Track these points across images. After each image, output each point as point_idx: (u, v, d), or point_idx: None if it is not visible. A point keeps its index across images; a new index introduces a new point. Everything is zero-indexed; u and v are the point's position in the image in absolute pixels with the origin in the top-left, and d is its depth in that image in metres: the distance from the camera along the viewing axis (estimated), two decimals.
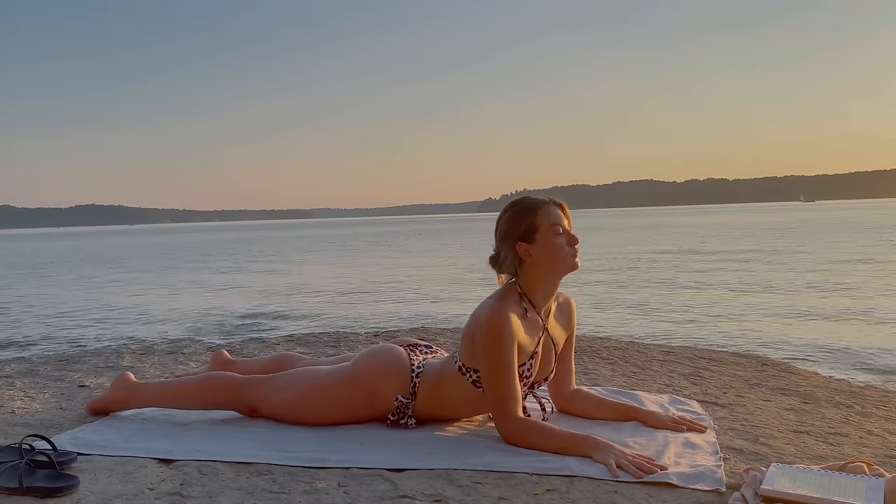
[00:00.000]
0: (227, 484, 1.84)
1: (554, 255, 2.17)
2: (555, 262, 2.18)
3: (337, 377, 2.31)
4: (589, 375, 3.27)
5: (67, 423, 2.45)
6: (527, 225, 2.17)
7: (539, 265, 2.18)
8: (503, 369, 2.12)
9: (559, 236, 2.17)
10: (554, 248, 2.16)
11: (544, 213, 2.17)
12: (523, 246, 2.18)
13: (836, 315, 7.09)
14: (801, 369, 3.81)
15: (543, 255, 2.17)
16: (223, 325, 7.79)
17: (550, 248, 2.16)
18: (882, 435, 2.42)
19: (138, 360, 3.75)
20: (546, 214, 2.17)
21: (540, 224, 2.16)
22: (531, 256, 2.18)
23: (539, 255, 2.17)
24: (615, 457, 1.93)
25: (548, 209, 2.18)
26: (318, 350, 4.06)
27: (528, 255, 2.18)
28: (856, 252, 15.84)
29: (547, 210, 2.18)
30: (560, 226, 2.18)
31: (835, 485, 1.70)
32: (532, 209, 2.18)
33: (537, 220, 2.17)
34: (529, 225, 2.17)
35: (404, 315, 8.31)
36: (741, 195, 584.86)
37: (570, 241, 2.19)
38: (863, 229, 27.39)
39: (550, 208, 2.19)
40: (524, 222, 2.17)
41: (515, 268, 2.20)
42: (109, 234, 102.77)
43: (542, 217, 2.17)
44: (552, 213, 2.18)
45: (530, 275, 2.20)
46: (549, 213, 2.18)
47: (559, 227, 2.18)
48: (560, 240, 2.17)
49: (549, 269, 2.19)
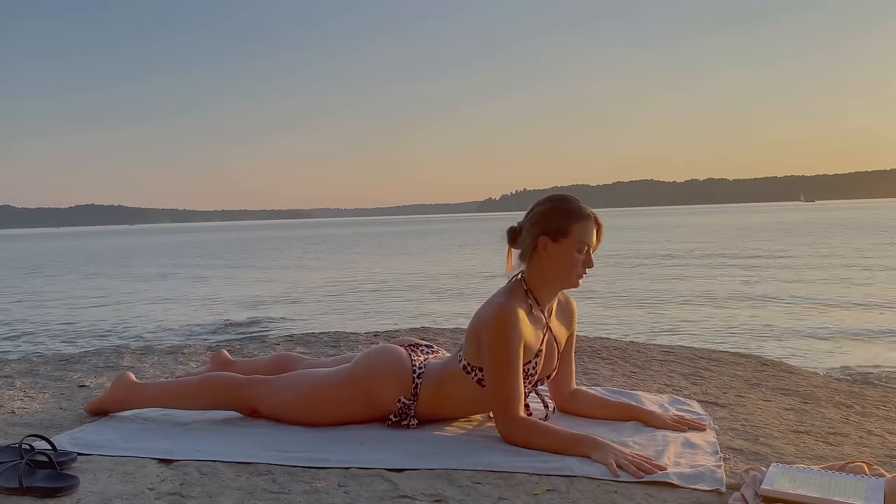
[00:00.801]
0: (227, 484, 1.84)
1: (566, 266, 2.18)
2: (562, 273, 2.19)
3: (337, 378, 2.31)
4: (589, 375, 3.27)
5: (67, 423, 2.44)
6: (560, 225, 2.17)
7: (548, 264, 2.19)
8: (508, 367, 2.12)
9: (580, 254, 2.18)
10: (569, 261, 2.17)
11: (581, 226, 2.17)
12: (546, 241, 2.18)
13: (837, 315, 7.09)
14: (801, 369, 3.81)
15: (557, 259, 2.18)
16: (223, 325, 7.79)
17: (566, 259, 2.17)
18: (882, 435, 2.42)
19: (138, 360, 3.74)
20: (582, 228, 2.17)
21: (571, 232, 2.16)
22: (546, 253, 2.18)
23: (554, 256, 2.18)
24: (615, 456, 1.93)
25: (586, 225, 2.18)
26: (318, 350, 4.05)
27: (544, 250, 2.18)
28: (855, 253, 15.83)
29: (585, 225, 2.18)
30: (587, 245, 2.19)
31: (835, 485, 1.70)
32: (573, 216, 2.17)
33: (571, 228, 2.16)
34: (563, 227, 2.17)
35: (404, 315, 8.31)
36: (741, 195, 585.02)
37: (587, 263, 2.20)
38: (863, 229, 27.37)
39: (589, 225, 2.19)
40: (559, 222, 2.17)
41: (528, 253, 2.21)
42: (110, 234, 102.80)
43: (577, 228, 2.17)
44: (588, 230, 2.18)
45: (537, 270, 2.21)
46: (585, 228, 2.18)
47: (585, 245, 2.19)
48: (579, 257, 2.18)
49: (554, 275, 2.20)
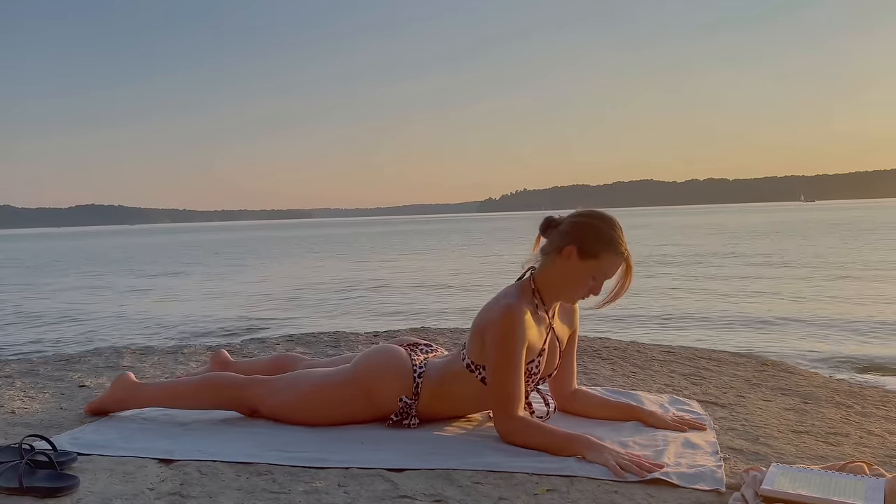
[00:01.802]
0: (227, 484, 1.84)
1: (576, 283, 2.19)
2: (569, 287, 2.21)
3: (338, 378, 2.31)
4: (589, 375, 3.27)
5: (67, 423, 2.44)
6: (593, 247, 2.16)
7: (562, 273, 2.20)
8: (511, 367, 2.12)
9: (594, 280, 2.19)
10: (581, 281, 2.18)
11: (611, 258, 2.16)
12: (572, 250, 2.17)
13: (837, 314, 7.09)
14: (801, 369, 3.81)
15: (572, 273, 2.18)
16: (223, 325, 7.79)
17: (580, 278, 2.18)
18: (882, 435, 2.42)
19: (138, 360, 3.74)
20: (610, 261, 2.16)
21: (600, 258, 2.16)
22: (568, 262, 2.18)
23: (571, 269, 2.18)
24: (613, 457, 1.93)
25: (615, 260, 2.17)
26: (318, 350, 4.05)
27: (568, 258, 2.18)
28: (855, 252, 15.83)
29: (614, 260, 2.17)
30: (604, 276, 2.19)
31: (835, 485, 1.70)
32: (610, 246, 2.15)
33: (601, 256, 2.16)
34: (594, 250, 2.15)
35: (404, 315, 8.31)
36: (741, 195, 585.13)
37: (593, 290, 2.21)
38: (863, 230, 27.37)
39: (618, 261, 2.17)
40: (594, 243, 2.16)
41: (551, 252, 2.21)
42: (110, 234, 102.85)
43: (606, 257, 2.16)
44: (614, 265, 2.17)
45: (550, 271, 2.22)
46: (613, 262, 2.17)
47: (603, 276, 2.19)
48: (591, 282, 2.19)
49: (562, 285, 2.22)
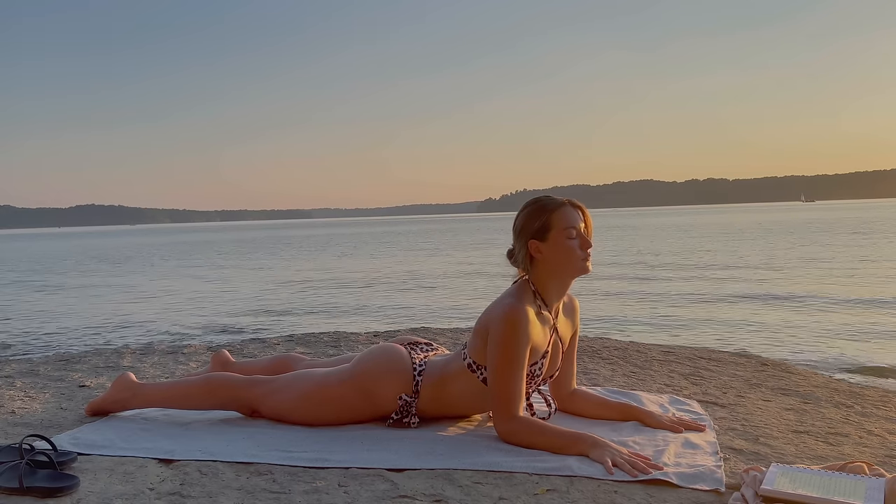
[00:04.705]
0: (227, 484, 1.84)
1: (564, 256, 2.18)
2: (565, 264, 2.19)
3: (338, 378, 2.31)
4: (589, 375, 3.27)
5: (67, 423, 2.44)
6: (540, 224, 2.18)
7: (550, 264, 2.20)
8: (513, 367, 2.12)
9: (572, 239, 2.18)
10: (565, 250, 2.17)
11: (559, 214, 2.18)
12: (535, 244, 2.19)
13: (837, 314, 7.09)
14: (801, 369, 3.81)
15: (554, 254, 2.18)
16: (224, 324, 7.79)
17: (562, 249, 2.17)
18: (882, 435, 2.42)
19: (138, 360, 3.74)
20: (561, 215, 2.18)
21: (553, 224, 2.17)
22: (542, 254, 2.19)
23: (550, 254, 2.18)
24: (612, 455, 1.93)
25: (563, 210, 2.19)
26: (318, 350, 4.05)
27: (538, 252, 2.19)
28: (855, 252, 15.83)
29: (562, 211, 2.19)
30: (574, 228, 2.19)
31: (835, 485, 1.70)
32: (547, 209, 2.19)
33: (551, 220, 2.17)
34: (543, 224, 2.18)
35: (404, 315, 8.31)
36: (741, 195, 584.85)
37: (583, 244, 2.19)
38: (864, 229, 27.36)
39: (566, 210, 2.19)
40: (538, 221, 2.18)
41: (527, 264, 2.22)
42: (110, 234, 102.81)
43: (556, 218, 2.18)
44: (568, 214, 2.19)
45: (542, 273, 2.22)
46: (564, 214, 2.18)
47: (573, 229, 2.18)
48: (573, 242, 2.18)
49: (560, 270, 2.20)
